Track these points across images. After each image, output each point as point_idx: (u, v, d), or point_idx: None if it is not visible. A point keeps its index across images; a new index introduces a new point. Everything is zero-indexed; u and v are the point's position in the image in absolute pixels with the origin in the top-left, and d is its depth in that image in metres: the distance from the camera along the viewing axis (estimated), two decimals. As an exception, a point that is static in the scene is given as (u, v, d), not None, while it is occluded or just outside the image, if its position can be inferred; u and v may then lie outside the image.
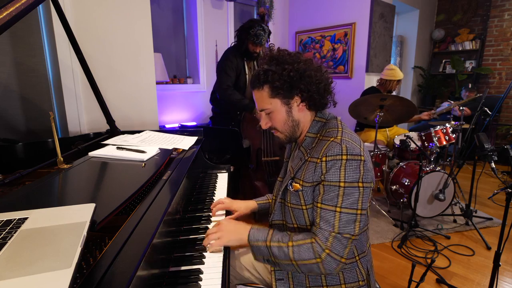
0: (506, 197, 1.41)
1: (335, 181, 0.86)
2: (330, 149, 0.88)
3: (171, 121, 3.30)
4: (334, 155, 0.87)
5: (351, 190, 0.86)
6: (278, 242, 0.91)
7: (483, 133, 1.70)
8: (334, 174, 0.86)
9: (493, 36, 4.66)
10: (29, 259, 0.48)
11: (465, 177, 3.51)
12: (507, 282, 1.87)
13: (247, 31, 2.34)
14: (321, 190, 0.89)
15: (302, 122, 1.00)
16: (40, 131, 1.75)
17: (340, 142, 0.89)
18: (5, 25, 0.85)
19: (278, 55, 0.96)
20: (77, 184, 0.91)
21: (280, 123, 0.99)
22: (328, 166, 0.87)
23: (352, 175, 0.86)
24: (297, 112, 0.98)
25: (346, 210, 0.86)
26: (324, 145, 0.91)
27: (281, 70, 0.93)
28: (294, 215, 0.98)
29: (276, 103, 0.96)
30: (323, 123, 1.00)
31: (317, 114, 1.02)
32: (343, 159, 0.87)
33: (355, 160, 0.87)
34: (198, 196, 1.33)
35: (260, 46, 2.40)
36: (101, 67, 1.86)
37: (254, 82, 0.97)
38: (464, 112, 2.88)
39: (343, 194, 0.86)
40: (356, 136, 0.95)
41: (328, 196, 0.87)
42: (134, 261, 0.57)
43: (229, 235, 0.96)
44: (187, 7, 3.44)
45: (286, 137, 1.02)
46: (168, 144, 1.35)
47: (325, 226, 0.87)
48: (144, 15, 2.01)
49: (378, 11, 3.57)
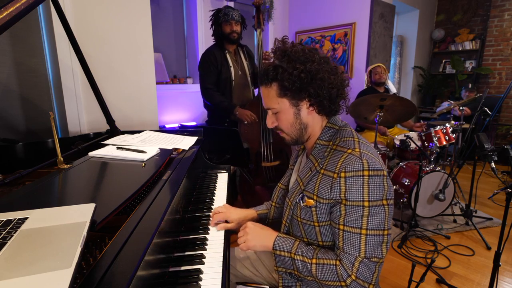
0: (506, 197, 1.41)
1: (358, 200, 0.79)
2: (349, 163, 0.80)
3: (171, 121, 3.30)
4: (354, 171, 0.79)
5: (376, 210, 0.79)
6: (302, 256, 0.86)
7: (483, 133, 1.70)
8: (357, 193, 0.79)
9: (493, 36, 4.66)
10: (29, 259, 0.48)
11: (465, 177, 3.51)
12: (507, 282, 1.87)
13: (217, 15, 2.30)
14: (343, 210, 0.81)
15: (311, 126, 0.93)
16: (40, 131, 1.75)
17: (359, 156, 0.81)
18: (5, 25, 0.85)
19: (292, 50, 0.87)
20: (77, 184, 0.91)
21: (286, 124, 0.92)
22: (349, 183, 0.79)
23: (376, 193, 0.79)
24: (306, 115, 0.91)
25: (372, 232, 0.79)
26: (340, 158, 0.83)
27: (291, 68, 0.85)
28: (304, 230, 0.92)
29: (284, 103, 0.89)
30: (335, 130, 0.93)
31: (329, 119, 0.94)
32: (365, 176, 0.79)
33: (378, 176, 0.79)
34: (198, 196, 1.33)
35: (235, 23, 2.29)
36: (101, 67, 1.86)
37: (262, 77, 0.90)
38: (464, 112, 2.88)
39: (368, 215, 0.78)
40: (373, 148, 0.89)
41: (351, 218, 0.80)
42: (134, 261, 0.57)
43: (254, 240, 0.93)
44: (187, 7, 3.44)
45: (292, 139, 0.95)
46: (168, 144, 1.35)
47: (350, 250, 0.80)
48: (144, 15, 2.01)
49: (378, 11, 3.57)
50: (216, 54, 2.35)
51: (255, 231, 0.95)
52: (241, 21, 2.35)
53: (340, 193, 0.81)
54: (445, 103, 3.74)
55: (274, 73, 0.87)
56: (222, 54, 2.38)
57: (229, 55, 2.41)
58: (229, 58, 2.41)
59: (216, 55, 2.35)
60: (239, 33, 2.34)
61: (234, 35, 2.32)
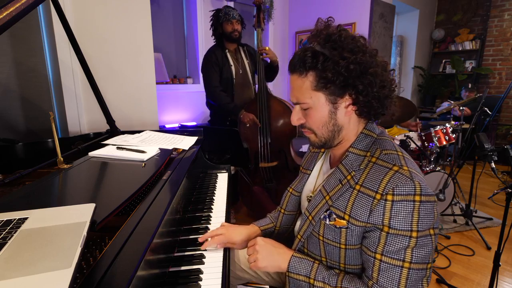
0: (506, 197, 1.41)
1: (405, 230, 0.67)
2: (398, 184, 0.68)
3: (171, 121, 3.30)
4: (404, 195, 0.67)
5: (424, 241, 0.68)
6: (323, 283, 0.75)
7: (483, 133, 1.70)
8: (405, 221, 0.67)
9: (493, 36, 4.66)
10: (29, 259, 0.48)
11: (465, 177, 3.51)
12: (507, 282, 1.87)
13: (217, 15, 2.33)
14: (383, 238, 0.69)
15: (346, 129, 0.79)
16: (40, 131, 1.75)
17: (410, 177, 0.68)
18: (5, 25, 0.85)
19: (339, 36, 0.73)
20: (77, 184, 0.91)
21: (317, 123, 0.78)
22: (396, 208, 0.67)
23: (426, 222, 0.67)
24: (343, 115, 0.77)
25: (416, 266, 0.68)
26: (385, 175, 0.70)
27: (338, 57, 0.71)
28: (325, 249, 0.80)
29: (319, 99, 0.75)
30: (372, 139, 0.79)
31: (366, 125, 0.81)
32: (416, 201, 0.67)
33: (430, 202, 0.68)
34: (198, 196, 1.33)
35: (236, 22, 2.32)
36: (101, 67, 1.86)
37: (296, 64, 0.75)
38: (464, 112, 2.88)
39: (414, 247, 0.67)
40: (415, 164, 0.77)
41: (393, 248, 0.68)
42: (134, 261, 0.57)
43: (265, 260, 0.82)
44: (187, 7, 3.44)
45: (319, 141, 0.81)
46: (168, 144, 1.35)
47: (386, 283, 0.69)
48: (144, 15, 2.01)
49: (378, 11, 3.57)
50: (217, 54, 2.38)
51: (266, 249, 0.83)
52: (241, 20, 2.37)
53: (382, 219, 0.69)
54: (445, 103, 3.74)
55: (314, 61, 0.72)
56: (223, 54, 2.40)
57: (230, 54, 2.43)
58: (230, 57, 2.43)
59: (217, 55, 2.37)
60: (240, 32, 2.37)
61: (236, 33, 2.34)
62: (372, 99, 0.73)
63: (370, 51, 0.74)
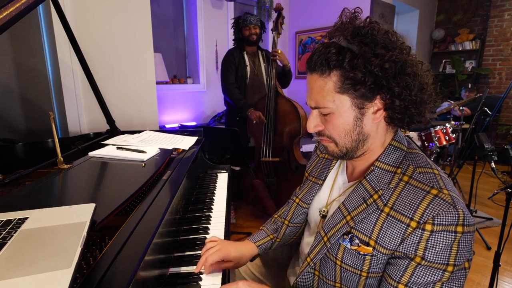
0: (506, 197, 1.41)
1: (441, 263, 0.58)
2: (440, 212, 0.58)
3: (171, 121, 3.30)
4: (446, 225, 0.57)
5: (458, 275, 0.59)
6: None
7: (483, 133, 1.70)
8: (442, 254, 0.58)
9: (493, 36, 4.66)
10: (29, 259, 0.48)
11: (465, 177, 3.51)
12: (507, 282, 1.87)
13: (237, 21, 2.57)
14: (411, 268, 0.60)
15: (372, 138, 0.67)
16: (40, 131, 1.75)
17: (453, 204, 0.58)
18: (5, 25, 0.85)
19: (370, 29, 0.62)
20: (77, 184, 0.91)
21: (339, 131, 0.66)
22: (434, 239, 0.58)
23: (464, 254, 0.58)
24: (370, 122, 0.65)
25: None
26: (422, 200, 0.60)
27: (370, 54, 0.60)
28: (341, 275, 0.70)
29: (344, 102, 0.64)
30: (403, 153, 0.68)
31: (395, 134, 0.70)
32: (458, 232, 0.57)
33: (470, 233, 0.59)
34: (198, 196, 1.33)
35: (253, 26, 2.52)
36: (101, 67, 1.86)
37: (317, 62, 0.63)
38: (464, 112, 2.89)
39: (448, 280, 0.58)
40: (452, 184, 0.66)
41: (421, 280, 0.59)
42: (134, 261, 0.57)
43: None
44: (187, 7, 3.44)
45: (340, 152, 0.69)
46: (168, 144, 1.35)
47: None
48: (144, 15, 2.01)
49: (378, 11, 3.57)
50: (234, 54, 2.61)
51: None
52: (260, 24, 2.57)
53: (416, 249, 0.59)
54: (445, 103, 3.75)
55: (339, 58, 0.61)
56: (240, 54, 2.62)
57: (248, 55, 2.63)
58: (247, 58, 2.62)
59: (234, 55, 2.60)
60: (258, 34, 2.57)
61: (253, 36, 2.56)
62: (409, 104, 0.63)
63: (408, 49, 0.65)
